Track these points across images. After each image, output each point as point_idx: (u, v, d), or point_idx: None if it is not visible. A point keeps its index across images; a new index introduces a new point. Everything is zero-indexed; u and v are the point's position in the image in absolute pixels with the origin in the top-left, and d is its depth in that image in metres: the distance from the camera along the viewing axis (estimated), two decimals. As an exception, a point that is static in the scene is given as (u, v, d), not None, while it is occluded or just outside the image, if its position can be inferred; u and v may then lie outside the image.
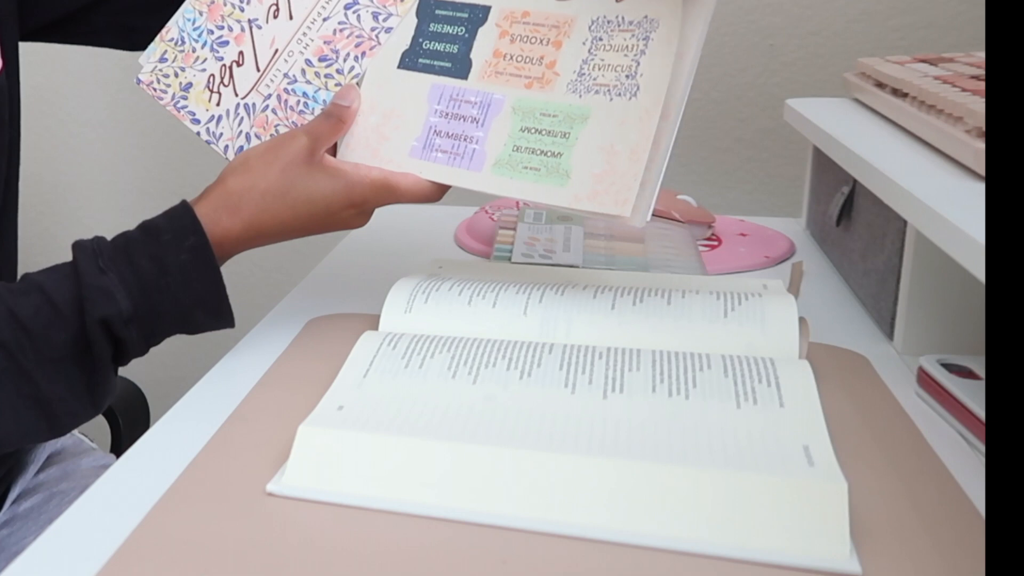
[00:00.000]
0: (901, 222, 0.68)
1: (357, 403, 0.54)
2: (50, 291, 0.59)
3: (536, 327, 0.63)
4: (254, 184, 0.63)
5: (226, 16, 0.71)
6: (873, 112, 0.84)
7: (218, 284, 0.62)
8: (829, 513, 0.43)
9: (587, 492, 0.46)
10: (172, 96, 0.72)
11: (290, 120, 0.69)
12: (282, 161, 0.63)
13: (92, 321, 0.58)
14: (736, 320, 0.62)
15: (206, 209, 0.63)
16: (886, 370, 0.63)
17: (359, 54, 0.68)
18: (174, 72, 0.72)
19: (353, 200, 0.64)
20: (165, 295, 0.60)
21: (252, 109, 0.70)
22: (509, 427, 0.50)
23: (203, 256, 0.61)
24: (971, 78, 0.72)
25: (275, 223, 0.64)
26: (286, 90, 0.69)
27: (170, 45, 0.72)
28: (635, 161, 0.58)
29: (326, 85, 0.68)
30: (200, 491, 0.49)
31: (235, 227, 0.63)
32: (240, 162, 0.65)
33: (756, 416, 0.51)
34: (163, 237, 0.61)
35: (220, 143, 0.71)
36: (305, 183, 0.63)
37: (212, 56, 0.71)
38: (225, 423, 0.56)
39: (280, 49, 0.69)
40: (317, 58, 0.69)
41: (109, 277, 0.59)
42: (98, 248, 0.61)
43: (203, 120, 0.71)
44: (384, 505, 0.47)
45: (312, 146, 0.64)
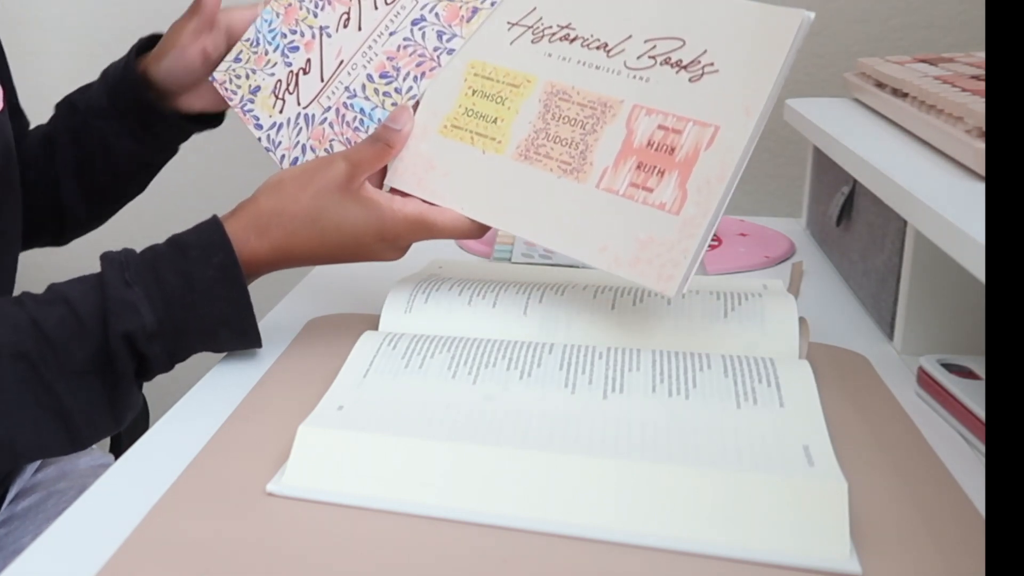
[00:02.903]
0: (901, 222, 0.68)
1: (357, 403, 0.54)
2: (75, 302, 0.58)
3: (536, 327, 0.63)
4: (285, 207, 0.62)
5: (300, 20, 0.70)
6: (873, 112, 0.84)
7: (244, 303, 0.61)
8: (829, 513, 0.43)
9: (587, 492, 0.46)
10: (241, 98, 0.72)
11: (344, 136, 0.68)
12: (316, 186, 0.62)
13: (115, 335, 0.57)
14: (736, 320, 0.62)
15: (236, 227, 0.62)
16: (886, 370, 0.63)
17: (419, 74, 0.66)
18: (246, 73, 0.72)
19: (384, 234, 0.62)
20: (190, 311, 0.59)
21: (311, 120, 0.69)
22: (509, 427, 0.50)
23: (230, 274, 0.60)
24: (971, 78, 0.72)
25: (303, 248, 0.63)
26: (345, 104, 0.68)
27: (246, 45, 0.72)
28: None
29: (383, 104, 0.67)
30: (200, 491, 0.49)
31: (262, 249, 0.62)
32: (275, 182, 0.63)
33: (756, 416, 0.51)
34: (191, 253, 0.60)
35: (278, 152, 0.70)
36: (336, 211, 0.62)
37: (282, 61, 0.71)
38: (225, 423, 0.56)
39: (345, 60, 0.68)
40: (378, 74, 0.67)
41: (134, 291, 0.58)
42: (125, 261, 0.60)
43: (265, 126, 0.71)
44: (384, 505, 0.47)
45: (350, 173, 0.62)
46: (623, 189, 0.58)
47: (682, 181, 0.56)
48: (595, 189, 0.59)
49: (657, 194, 0.57)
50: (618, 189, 0.58)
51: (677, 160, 0.57)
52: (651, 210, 0.57)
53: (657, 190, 0.57)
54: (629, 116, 0.59)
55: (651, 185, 0.57)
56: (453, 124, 0.64)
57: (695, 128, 0.57)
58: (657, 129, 0.58)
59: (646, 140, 0.58)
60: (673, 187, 0.56)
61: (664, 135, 0.58)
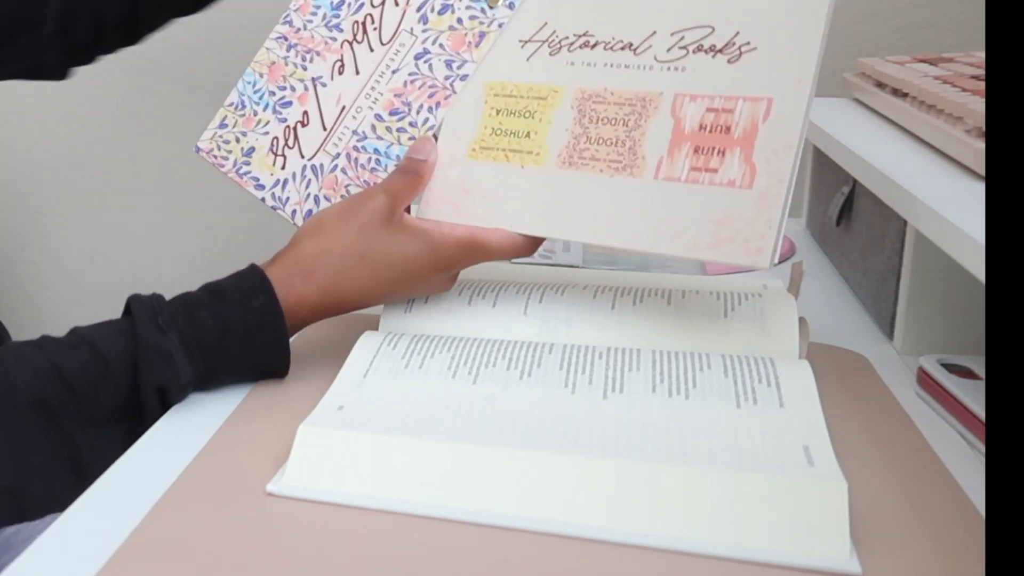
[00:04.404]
0: (901, 222, 0.68)
1: (357, 403, 0.54)
2: (102, 347, 0.54)
3: (536, 327, 0.63)
4: (330, 247, 0.59)
5: (288, 76, 0.68)
6: (873, 112, 0.84)
7: (283, 351, 0.58)
8: (829, 513, 0.43)
9: (587, 492, 0.46)
10: (234, 162, 0.69)
11: (361, 179, 0.66)
12: (359, 221, 0.59)
13: (147, 385, 0.54)
14: (736, 320, 0.62)
15: (278, 274, 0.59)
16: (886, 370, 0.63)
17: (433, 105, 0.65)
18: (235, 137, 0.69)
19: (439, 262, 0.60)
20: (226, 357, 0.57)
21: (320, 170, 0.67)
22: (509, 427, 0.50)
23: (271, 319, 0.57)
24: (971, 78, 0.72)
25: (354, 288, 0.60)
26: (356, 147, 0.66)
27: (229, 110, 0.69)
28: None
29: (399, 140, 0.65)
30: (200, 491, 0.49)
31: (311, 293, 0.59)
32: (314, 224, 0.61)
33: (756, 416, 0.51)
34: (229, 295, 0.57)
35: (287, 208, 0.68)
36: (385, 245, 0.59)
37: (275, 118, 0.68)
38: (225, 423, 0.56)
39: (348, 106, 0.66)
40: (388, 112, 0.66)
41: (169, 338, 0.55)
42: (158, 306, 0.56)
43: (268, 185, 0.68)
44: (384, 505, 0.47)
45: (391, 204, 0.60)
46: (685, 175, 0.57)
47: (747, 155, 0.55)
48: (654, 180, 0.58)
49: (723, 173, 0.56)
50: (679, 176, 0.57)
51: (736, 137, 0.56)
52: (720, 189, 0.56)
53: (722, 169, 0.56)
54: (673, 106, 0.58)
55: (714, 166, 0.56)
56: (482, 146, 0.63)
57: (747, 104, 0.56)
58: (707, 112, 0.57)
59: (697, 124, 0.57)
60: (739, 163, 0.55)
61: (715, 116, 0.57)
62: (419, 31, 0.66)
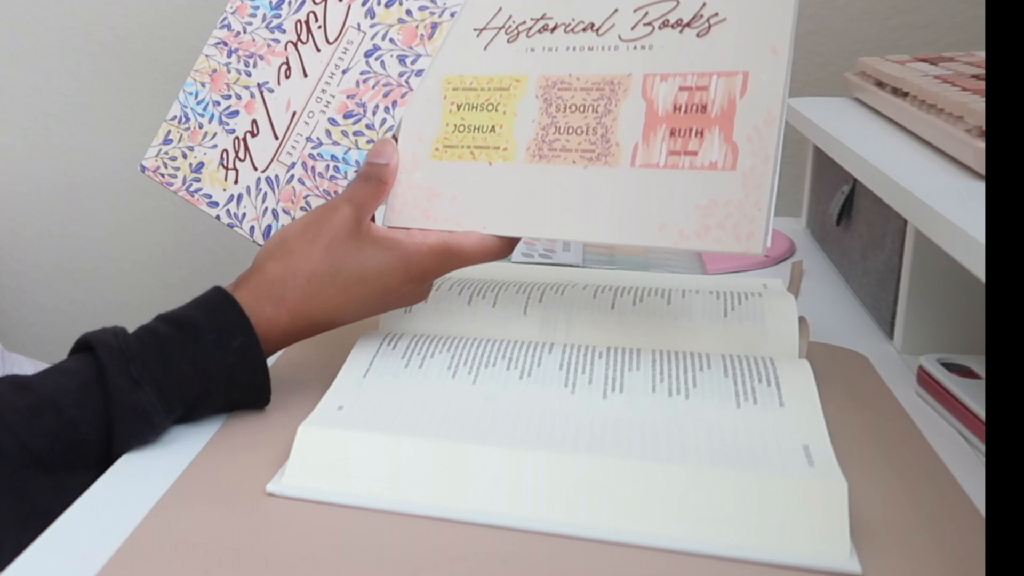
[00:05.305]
0: (901, 222, 0.68)
1: (357, 403, 0.54)
2: (69, 412, 0.50)
3: (536, 327, 0.63)
4: (297, 269, 0.56)
5: (232, 84, 0.64)
6: (873, 111, 0.84)
7: (263, 386, 0.56)
8: (829, 513, 0.43)
9: (587, 492, 0.46)
10: (183, 180, 0.65)
11: (320, 188, 0.62)
12: (326, 238, 0.56)
13: (121, 448, 0.52)
14: (736, 320, 0.62)
15: (247, 298, 0.56)
16: (886, 370, 0.63)
17: (389, 104, 0.61)
18: (182, 153, 0.65)
19: (412, 274, 0.57)
20: (206, 402, 0.55)
21: (276, 182, 0.63)
22: (509, 427, 0.50)
23: (251, 358, 0.55)
24: (971, 77, 0.72)
25: (326, 309, 0.57)
26: (311, 155, 0.62)
27: (173, 124, 0.65)
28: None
29: (356, 144, 0.61)
30: (200, 491, 0.49)
31: (281, 318, 0.56)
32: (277, 244, 0.57)
33: (756, 416, 0.51)
34: (206, 338, 0.53)
35: (244, 224, 0.64)
36: (356, 260, 0.56)
37: (222, 129, 0.64)
38: (225, 423, 0.56)
39: (298, 111, 0.63)
40: (342, 115, 0.62)
41: (144, 391, 0.51)
42: (127, 350, 0.52)
43: (221, 202, 0.64)
44: (384, 505, 0.47)
45: (356, 215, 0.57)
46: (663, 160, 0.54)
47: (727, 135, 0.53)
48: (631, 168, 0.55)
49: (704, 155, 0.53)
50: (657, 162, 0.54)
51: (713, 116, 0.54)
52: (702, 173, 0.53)
53: (702, 151, 0.54)
54: (643, 87, 0.56)
55: (693, 148, 0.54)
56: (446, 144, 0.60)
57: (722, 80, 0.54)
58: (680, 91, 0.55)
59: (671, 105, 0.55)
60: (719, 143, 0.53)
61: (690, 95, 0.54)
62: (367, 26, 0.62)
